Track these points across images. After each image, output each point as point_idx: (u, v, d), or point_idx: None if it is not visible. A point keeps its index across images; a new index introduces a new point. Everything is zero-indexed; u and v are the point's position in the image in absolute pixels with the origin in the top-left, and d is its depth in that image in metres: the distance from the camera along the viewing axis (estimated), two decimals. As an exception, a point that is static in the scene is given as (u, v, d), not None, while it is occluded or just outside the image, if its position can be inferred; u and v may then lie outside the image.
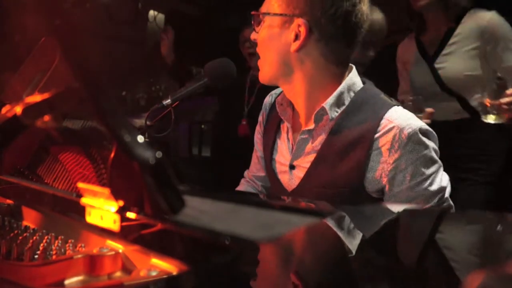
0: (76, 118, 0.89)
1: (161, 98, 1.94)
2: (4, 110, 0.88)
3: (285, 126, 1.21)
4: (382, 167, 1.02)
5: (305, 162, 1.12)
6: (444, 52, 1.90)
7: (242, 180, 1.43)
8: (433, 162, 1.04)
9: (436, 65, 1.91)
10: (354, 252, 0.63)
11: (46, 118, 0.76)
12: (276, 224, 0.67)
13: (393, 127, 1.01)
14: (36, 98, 0.78)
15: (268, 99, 1.32)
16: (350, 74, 1.10)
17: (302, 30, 1.03)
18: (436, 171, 1.04)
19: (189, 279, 0.54)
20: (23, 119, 0.78)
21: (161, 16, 3.72)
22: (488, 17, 1.84)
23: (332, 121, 1.08)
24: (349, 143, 1.04)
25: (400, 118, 1.02)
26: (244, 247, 0.56)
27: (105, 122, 0.59)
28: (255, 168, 1.38)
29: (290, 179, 1.16)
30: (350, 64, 1.13)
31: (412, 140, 1.00)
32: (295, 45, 1.05)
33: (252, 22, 1.13)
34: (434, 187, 1.03)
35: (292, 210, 0.88)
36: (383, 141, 1.02)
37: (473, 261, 0.60)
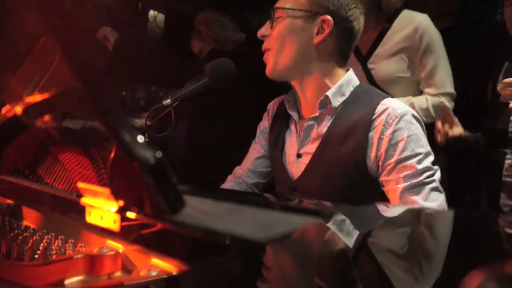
0: (76, 118, 0.89)
1: (161, 98, 1.93)
2: (4, 110, 0.88)
3: (293, 121, 1.30)
4: (378, 143, 1.13)
5: (311, 149, 1.22)
6: (376, 52, 1.85)
7: (229, 177, 1.46)
8: (424, 144, 1.14)
9: (369, 65, 1.86)
10: (353, 252, 0.63)
11: (46, 118, 0.76)
12: (276, 224, 0.67)
13: (387, 107, 1.15)
14: (36, 98, 0.78)
15: (271, 105, 1.43)
16: (349, 72, 1.26)
17: (326, 26, 1.18)
18: (426, 154, 1.13)
19: (189, 279, 0.54)
20: (23, 119, 0.78)
21: (161, 16, 3.72)
22: (419, 19, 1.79)
23: (335, 109, 1.21)
24: (351, 125, 1.17)
25: (394, 102, 1.17)
26: (244, 247, 0.56)
27: (105, 122, 0.59)
28: (252, 165, 1.41)
29: (297, 167, 1.25)
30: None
31: (404, 119, 1.13)
32: (318, 38, 1.19)
33: (270, 17, 1.23)
34: (422, 165, 1.11)
35: (292, 210, 0.88)
36: (379, 120, 1.14)
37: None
